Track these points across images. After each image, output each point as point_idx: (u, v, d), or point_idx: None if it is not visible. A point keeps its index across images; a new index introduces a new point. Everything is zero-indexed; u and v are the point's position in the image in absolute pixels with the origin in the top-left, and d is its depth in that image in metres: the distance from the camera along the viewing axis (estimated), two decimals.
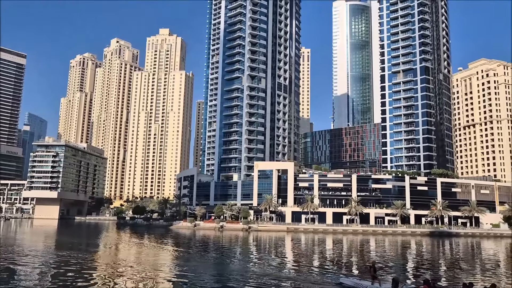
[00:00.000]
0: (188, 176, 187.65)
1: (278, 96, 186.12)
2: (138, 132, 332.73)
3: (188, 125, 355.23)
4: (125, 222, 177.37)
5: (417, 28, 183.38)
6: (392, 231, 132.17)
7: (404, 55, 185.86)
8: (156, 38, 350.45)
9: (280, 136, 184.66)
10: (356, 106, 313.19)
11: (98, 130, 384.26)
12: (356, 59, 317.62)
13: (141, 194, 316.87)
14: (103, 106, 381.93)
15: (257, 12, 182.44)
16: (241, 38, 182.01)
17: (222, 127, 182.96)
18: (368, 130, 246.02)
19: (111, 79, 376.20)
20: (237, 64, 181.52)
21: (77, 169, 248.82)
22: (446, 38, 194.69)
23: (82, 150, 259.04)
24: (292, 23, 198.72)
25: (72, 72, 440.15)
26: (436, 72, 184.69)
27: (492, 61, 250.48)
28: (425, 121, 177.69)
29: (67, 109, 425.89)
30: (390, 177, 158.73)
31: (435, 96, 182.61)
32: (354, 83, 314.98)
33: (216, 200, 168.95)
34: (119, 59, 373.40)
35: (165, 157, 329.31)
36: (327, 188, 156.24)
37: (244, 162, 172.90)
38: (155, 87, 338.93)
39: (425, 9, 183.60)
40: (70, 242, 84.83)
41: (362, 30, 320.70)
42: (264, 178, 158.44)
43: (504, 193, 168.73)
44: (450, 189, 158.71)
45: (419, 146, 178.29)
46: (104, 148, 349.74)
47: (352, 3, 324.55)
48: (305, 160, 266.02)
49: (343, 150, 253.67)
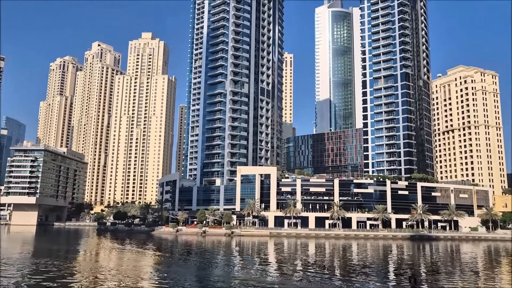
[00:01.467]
0: (171, 181, 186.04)
1: (261, 101, 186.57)
2: (119, 137, 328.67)
3: (171, 130, 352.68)
4: (105, 227, 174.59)
5: (397, 35, 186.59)
6: (373, 235, 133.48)
7: (385, 61, 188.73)
8: (138, 42, 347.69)
9: (263, 140, 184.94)
10: (338, 111, 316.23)
11: (78, 135, 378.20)
12: (338, 64, 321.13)
13: (123, 200, 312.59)
14: (84, 110, 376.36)
15: (240, 17, 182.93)
16: (224, 43, 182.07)
17: (205, 132, 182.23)
18: (350, 135, 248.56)
19: (92, 82, 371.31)
20: (220, 69, 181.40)
21: (56, 174, 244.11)
22: (426, 45, 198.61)
23: (61, 154, 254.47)
24: (275, 28, 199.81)
25: (52, 76, 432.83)
26: (416, 78, 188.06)
27: (470, 68, 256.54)
28: (405, 126, 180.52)
29: (47, 113, 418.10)
30: (371, 182, 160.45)
31: (415, 102, 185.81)
32: (336, 89, 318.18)
33: (199, 205, 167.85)
34: (100, 62, 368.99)
35: (147, 161, 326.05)
36: (310, 192, 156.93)
37: (227, 166, 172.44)
38: (137, 91, 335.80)
39: (405, 16, 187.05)
40: (49, 249, 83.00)
41: (344, 36, 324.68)
42: (247, 182, 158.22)
43: (481, 197, 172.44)
44: (430, 193, 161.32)
45: (400, 151, 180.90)
46: (85, 152, 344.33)
47: (334, 9, 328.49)
48: (288, 164, 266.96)
49: (325, 155, 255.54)
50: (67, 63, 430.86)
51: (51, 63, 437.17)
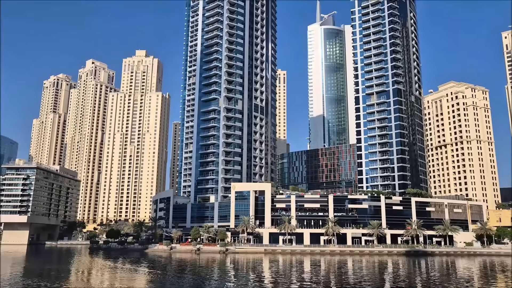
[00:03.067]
0: (164, 198, 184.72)
1: (255, 118, 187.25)
2: (113, 154, 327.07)
3: (165, 147, 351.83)
4: (98, 246, 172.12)
5: (389, 52, 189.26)
6: (369, 251, 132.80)
7: (377, 77, 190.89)
8: (132, 60, 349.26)
9: (257, 157, 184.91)
10: (331, 127, 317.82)
11: (71, 152, 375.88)
12: (331, 81, 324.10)
13: (116, 217, 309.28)
14: (77, 128, 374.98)
15: (234, 34, 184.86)
16: (217, 60, 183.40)
17: (199, 149, 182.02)
18: (344, 151, 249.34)
19: (86, 100, 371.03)
20: (214, 86, 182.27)
21: (48, 192, 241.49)
22: (417, 61, 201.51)
23: (54, 172, 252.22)
24: (268, 45, 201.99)
25: (45, 93, 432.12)
26: (408, 94, 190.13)
27: (460, 84, 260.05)
28: (398, 142, 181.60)
29: (40, 130, 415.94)
30: (366, 197, 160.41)
31: (408, 117, 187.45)
32: (329, 105, 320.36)
33: (193, 222, 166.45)
34: (94, 80, 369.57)
35: (141, 179, 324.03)
36: (304, 208, 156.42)
37: (221, 183, 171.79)
38: (131, 108, 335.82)
39: (396, 33, 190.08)
40: (40, 269, 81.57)
41: (337, 53, 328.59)
42: (241, 199, 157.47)
43: (476, 212, 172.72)
44: (424, 208, 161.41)
45: (393, 166, 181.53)
46: (78, 170, 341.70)
47: (326, 27, 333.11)
48: (282, 181, 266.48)
49: (319, 170, 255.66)
50: (61, 81, 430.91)
51: (45, 81, 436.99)
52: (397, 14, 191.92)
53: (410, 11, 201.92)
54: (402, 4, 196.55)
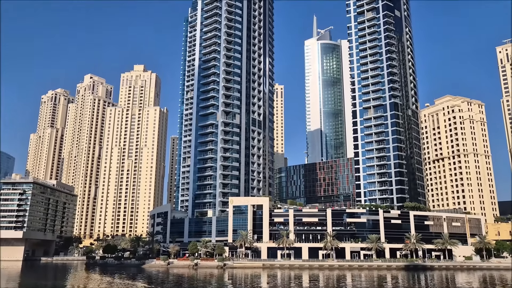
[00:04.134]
0: (162, 212, 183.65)
1: (253, 132, 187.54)
2: (110, 168, 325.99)
3: (162, 161, 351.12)
4: (94, 262, 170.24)
5: (385, 66, 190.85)
6: (368, 266, 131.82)
7: (374, 91, 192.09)
8: (130, 74, 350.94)
9: (255, 171, 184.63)
10: (329, 141, 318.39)
11: (68, 167, 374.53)
12: (328, 95, 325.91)
13: (113, 232, 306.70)
14: (75, 142, 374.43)
15: (231, 49, 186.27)
16: (215, 75, 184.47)
17: (196, 163, 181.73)
18: (341, 165, 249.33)
19: (83, 114, 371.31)
20: (212, 100, 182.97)
21: (45, 207, 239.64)
22: (413, 75, 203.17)
23: (51, 187, 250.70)
24: (266, 60, 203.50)
25: (43, 108, 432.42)
26: (404, 108, 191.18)
27: (456, 98, 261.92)
28: (396, 155, 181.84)
29: (37, 145, 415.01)
30: (364, 211, 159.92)
31: (405, 131, 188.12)
32: (327, 119, 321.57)
33: (191, 237, 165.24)
34: (92, 94, 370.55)
35: (138, 193, 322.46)
36: (303, 223, 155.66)
37: (219, 197, 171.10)
38: (128, 123, 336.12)
39: (392, 48, 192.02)
40: (35, 285, 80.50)
41: (334, 68, 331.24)
42: (239, 213, 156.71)
43: (474, 225, 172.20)
44: (423, 222, 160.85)
45: (391, 180, 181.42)
46: (75, 185, 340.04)
47: (323, 42, 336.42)
48: (280, 195, 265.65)
49: (317, 184, 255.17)
50: (59, 95, 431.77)
51: (43, 96, 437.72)
52: (393, 29, 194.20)
53: (406, 26, 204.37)
54: (398, 20, 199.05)
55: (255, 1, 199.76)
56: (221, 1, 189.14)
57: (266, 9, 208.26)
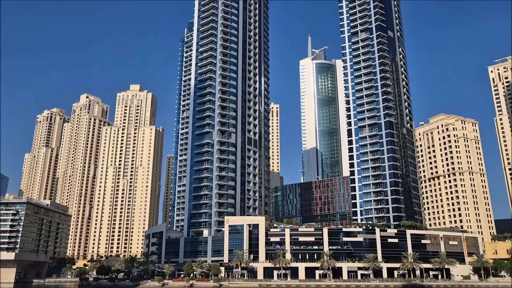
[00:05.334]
0: (157, 232, 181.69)
1: (248, 151, 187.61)
2: (105, 188, 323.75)
3: (158, 180, 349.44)
4: (88, 283, 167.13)
5: (379, 86, 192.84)
6: (365, 286, 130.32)
7: (369, 110, 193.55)
8: (126, 94, 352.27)
9: (250, 190, 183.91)
10: (325, 160, 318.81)
11: (63, 186, 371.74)
12: (323, 114, 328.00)
13: (107, 253, 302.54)
14: (70, 162, 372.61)
15: (227, 69, 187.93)
16: (211, 94, 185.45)
17: (192, 182, 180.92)
18: (337, 183, 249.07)
19: (79, 134, 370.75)
20: (208, 119, 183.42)
21: (38, 228, 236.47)
22: (407, 94, 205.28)
23: (44, 207, 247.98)
24: (261, 80, 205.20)
25: (38, 127, 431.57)
26: (399, 126, 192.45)
27: (450, 116, 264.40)
28: (392, 174, 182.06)
29: (31, 164, 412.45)
30: (360, 230, 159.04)
31: (400, 150, 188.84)
32: (322, 137, 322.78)
33: (186, 257, 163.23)
34: (88, 114, 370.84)
35: (133, 213, 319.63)
36: (299, 242, 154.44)
37: (215, 217, 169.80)
38: (124, 142, 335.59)
39: (386, 68, 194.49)
40: None
41: (329, 87, 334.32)
42: (235, 233, 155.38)
43: (471, 244, 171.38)
44: (420, 241, 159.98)
45: (387, 198, 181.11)
46: (69, 204, 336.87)
47: (318, 61, 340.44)
48: (276, 214, 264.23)
49: (313, 203, 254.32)
50: (55, 115, 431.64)
51: (38, 115, 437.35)
52: (386, 49, 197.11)
53: (399, 46, 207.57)
54: (391, 40, 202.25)
55: (250, 22, 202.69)
56: (216, 22, 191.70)
57: (261, 30, 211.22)
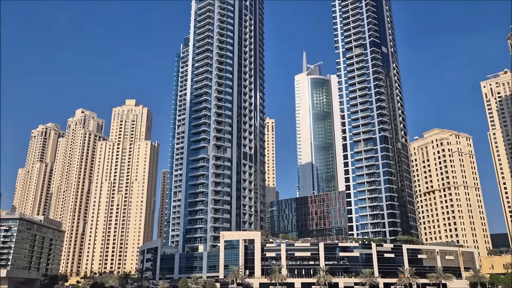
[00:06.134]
0: (152, 248, 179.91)
1: (244, 166, 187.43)
2: (100, 203, 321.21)
3: (153, 195, 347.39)
4: None
5: (374, 100, 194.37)
6: None
7: (364, 125, 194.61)
8: (122, 109, 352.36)
9: (246, 205, 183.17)
10: (320, 174, 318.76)
11: (57, 202, 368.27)
12: (318, 128, 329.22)
13: (101, 269, 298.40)
14: (64, 177, 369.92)
15: (222, 84, 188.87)
16: (206, 109, 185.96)
17: (187, 197, 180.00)
18: (333, 198, 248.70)
19: (74, 149, 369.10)
20: (203, 134, 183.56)
21: (31, 244, 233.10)
22: (401, 109, 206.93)
23: (37, 223, 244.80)
24: (257, 95, 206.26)
25: (33, 142, 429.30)
26: (394, 141, 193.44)
27: (444, 131, 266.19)
28: (387, 188, 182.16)
29: (25, 180, 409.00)
30: (357, 245, 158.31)
31: (395, 164, 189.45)
32: (317, 152, 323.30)
33: (181, 273, 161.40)
34: (83, 129, 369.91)
35: (128, 228, 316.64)
36: (295, 257, 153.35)
37: (210, 232, 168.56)
38: (119, 157, 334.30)
39: (380, 83, 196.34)
40: None
41: (324, 102, 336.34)
42: (231, 248, 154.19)
43: (468, 259, 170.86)
44: (416, 256, 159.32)
45: (383, 213, 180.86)
46: (63, 220, 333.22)
47: (312, 76, 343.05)
48: (272, 229, 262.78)
49: (309, 218, 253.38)
50: (49, 130, 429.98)
51: (33, 130, 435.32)
52: (380, 64, 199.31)
53: (393, 61, 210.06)
54: (385, 55, 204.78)
55: (245, 38, 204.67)
56: (212, 38, 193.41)
57: (256, 45, 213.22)
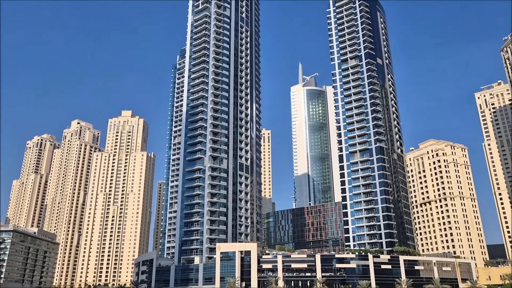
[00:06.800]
0: (147, 260, 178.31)
1: (240, 177, 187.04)
2: (95, 215, 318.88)
3: (149, 207, 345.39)
4: None
5: (369, 111, 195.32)
6: None
7: (360, 136, 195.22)
8: (118, 120, 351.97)
9: (242, 216, 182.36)
10: (317, 185, 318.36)
11: (51, 214, 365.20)
12: (314, 139, 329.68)
13: (95, 282, 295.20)
14: (59, 188, 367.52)
15: (219, 95, 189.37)
16: (203, 120, 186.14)
17: (183, 208, 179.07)
18: (329, 209, 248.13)
19: (69, 160, 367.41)
20: (199, 145, 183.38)
21: (24, 257, 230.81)
22: (397, 120, 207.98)
23: (31, 235, 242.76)
24: (253, 106, 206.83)
25: (28, 154, 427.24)
26: (390, 152, 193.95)
27: (440, 142, 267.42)
28: (383, 199, 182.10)
29: (19, 191, 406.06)
30: (353, 256, 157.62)
31: (391, 175, 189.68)
32: (314, 163, 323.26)
33: (177, 285, 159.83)
34: (79, 140, 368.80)
35: (123, 240, 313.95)
36: (291, 269, 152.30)
37: (206, 244, 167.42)
38: (115, 168, 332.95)
39: (376, 94, 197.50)
40: None
41: (319, 113, 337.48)
42: (227, 260, 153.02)
43: (465, 270, 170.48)
44: (413, 267, 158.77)
45: (379, 224, 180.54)
46: (57, 232, 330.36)
47: (308, 88, 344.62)
48: (268, 240, 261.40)
49: (306, 229, 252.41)
50: (45, 141, 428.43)
51: (28, 141, 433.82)
52: (376, 76, 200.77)
53: (388, 73, 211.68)
54: (380, 67, 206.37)
55: (241, 49, 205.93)
56: (208, 49, 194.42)
57: (252, 57, 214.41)
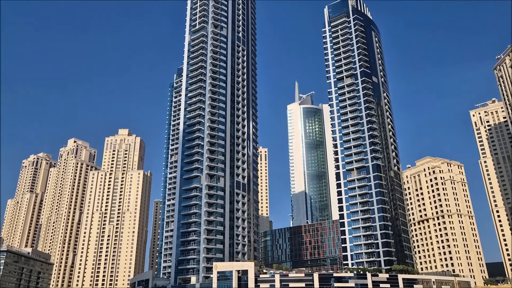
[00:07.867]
0: (143, 280, 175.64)
1: (237, 195, 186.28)
2: (90, 234, 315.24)
3: (145, 226, 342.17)
4: None
5: (366, 129, 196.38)
6: None
7: (356, 153, 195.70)
8: (115, 138, 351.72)
9: (239, 235, 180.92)
10: (314, 203, 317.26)
11: (46, 233, 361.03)
12: (311, 157, 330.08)
13: None
14: (54, 207, 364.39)
15: (216, 114, 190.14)
16: (200, 139, 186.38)
17: (180, 227, 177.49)
18: (327, 227, 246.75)
19: (65, 179, 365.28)
20: (196, 164, 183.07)
21: (17, 278, 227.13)
22: (393, 138, 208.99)
23: (25, 255, 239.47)
24: (250, 124, 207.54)
25: (23, 173, 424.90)
26: (387, 169, 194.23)
27: (436, 159, 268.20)
28: (381, 217, 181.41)
29: (14, 211, 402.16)
30: (352, 275, 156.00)
31: (389, 192, 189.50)
32: (311, 181, 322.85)
33: None
34: (75, 158, 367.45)
35: (119, 260, 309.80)
36: None
37: (203, 263, 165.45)
38: (111, 187, 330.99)
39: (372, 112, 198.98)
40: None
41: (316, 131, 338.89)
42: (224, 279, 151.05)
43: None
44: (412, 286, 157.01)
45: (377, 242, 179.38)
46: (52, 252, 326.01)
47: (305, 106, 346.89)
48: (266, 259, 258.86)
49: (303, 248, 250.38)
50: (41, 160, 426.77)
51: (24, 160, 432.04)
52: (371, 94, 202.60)
53: (383, 91, 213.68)
54: (375, 85, 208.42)
55: (238, 68, 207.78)
56: (205, 68, 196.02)
57: (249, 75, 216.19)
